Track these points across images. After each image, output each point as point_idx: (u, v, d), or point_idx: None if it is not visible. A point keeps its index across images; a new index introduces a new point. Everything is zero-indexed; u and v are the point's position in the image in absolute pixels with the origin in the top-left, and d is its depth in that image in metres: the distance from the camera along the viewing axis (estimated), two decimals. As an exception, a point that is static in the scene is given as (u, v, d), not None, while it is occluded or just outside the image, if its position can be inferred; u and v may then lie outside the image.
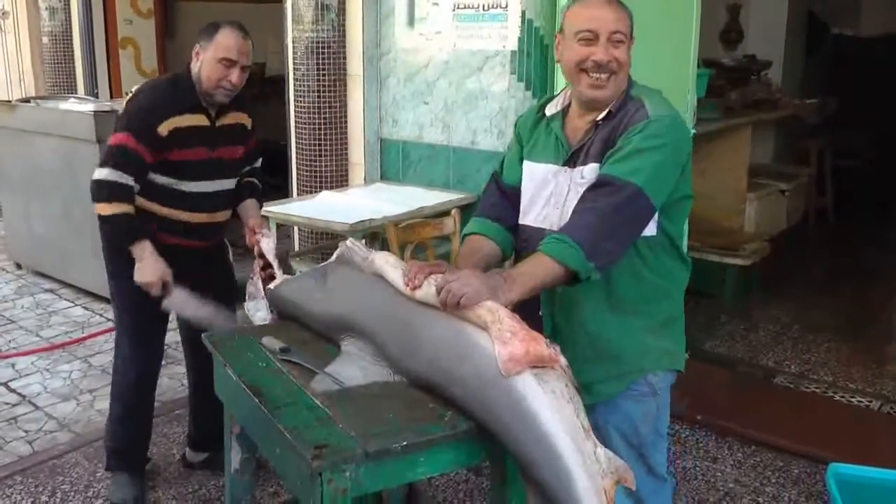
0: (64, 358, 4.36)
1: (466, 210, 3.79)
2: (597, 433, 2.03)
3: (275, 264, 2.65)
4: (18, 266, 5.87)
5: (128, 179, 2.72)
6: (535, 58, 3.82)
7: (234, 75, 2.76)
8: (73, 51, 6.84)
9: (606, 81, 1.96)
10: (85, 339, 4.55)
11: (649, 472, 2.11)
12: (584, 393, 2.02)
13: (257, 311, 2.57)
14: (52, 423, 3.66)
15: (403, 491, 2.59)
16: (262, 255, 2.69)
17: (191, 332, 3.08)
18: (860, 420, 3.69)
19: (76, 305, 5.09)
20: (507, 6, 3.87)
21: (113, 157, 2.73)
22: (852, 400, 3.82)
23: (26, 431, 3.59)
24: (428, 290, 1.86)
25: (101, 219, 2.76)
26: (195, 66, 2.79)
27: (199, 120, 2.82)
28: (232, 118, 2.93)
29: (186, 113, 2.79)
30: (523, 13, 3.81)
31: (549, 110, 2.13)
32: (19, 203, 5.57)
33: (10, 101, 5.96)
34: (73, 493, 3.12)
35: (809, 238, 6.53)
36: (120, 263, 2.87)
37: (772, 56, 6.60)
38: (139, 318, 2.97)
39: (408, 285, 1.90)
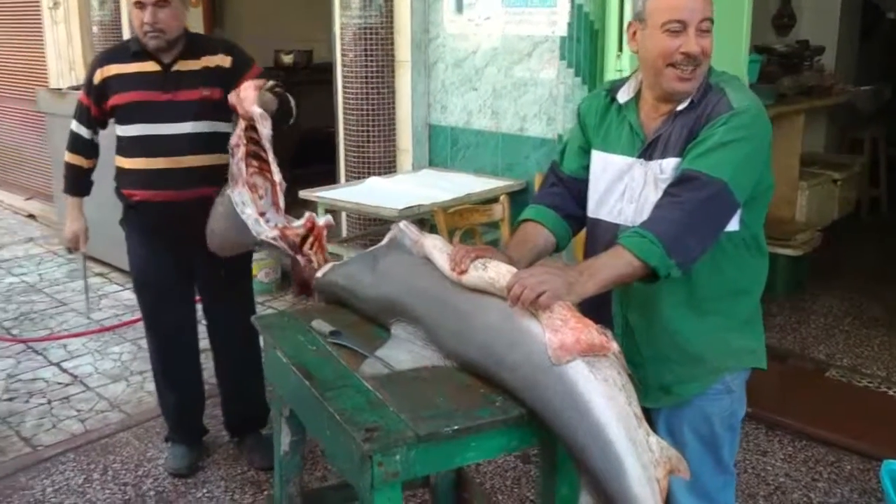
0: (114, 340, 4.44)
1: (515, 197, 3.77)
2: (669, 432, 2.00)
3: (269, 150, 2.51)
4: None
5: (84, 132, 3.01)
6: (585, 44, 3.77)
7: (147, 15, 2.74)
8: (122, 40, 6.92)
9: (692, 73, 1.85)
10: (134, 321, 4.59)
11: (718, 466, 2.04)
12: (662, 395, 2.00)
13: (244, 205, 2.49)
14: (103, 403, 3.73)
15: (451, 477, 2.58)
16: (252, 128, 2.50)
17: (211, 312, 3.14)
18: (915, 416, 3.60)
19: (125, 289, 5.15)
20: (556, -9, 3.83)
21: (75, 111, 3.04)
22: (907, 395, 3.74)
23: (78, 410, 3.66)
24: (473, 274, 1.84)
25: (64, 165, 3.08)
26: None
27: (147, 66, 2.85)
28: (198, 63, 2.85)
29: (130, 61, 2.85)
30: (573, -2, 3.77)
31: (622, 97, 2.00)
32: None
33: (60, 89, 6.06)
34: (123, 472, 3.17)
35: (862, 229, 6.38)
36: (127, 235, 3.06)
37: (825, 41, 6.45)
38: (139, 289, 3.12)
39: (454, 270, 1.88)
